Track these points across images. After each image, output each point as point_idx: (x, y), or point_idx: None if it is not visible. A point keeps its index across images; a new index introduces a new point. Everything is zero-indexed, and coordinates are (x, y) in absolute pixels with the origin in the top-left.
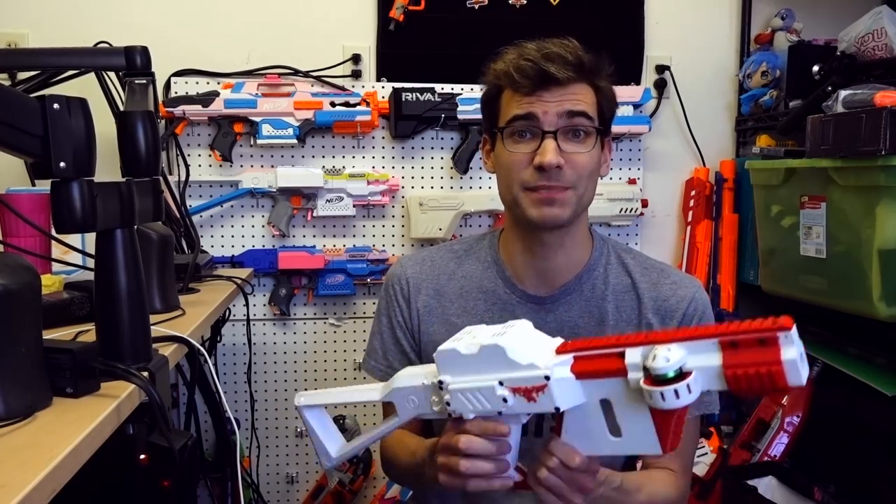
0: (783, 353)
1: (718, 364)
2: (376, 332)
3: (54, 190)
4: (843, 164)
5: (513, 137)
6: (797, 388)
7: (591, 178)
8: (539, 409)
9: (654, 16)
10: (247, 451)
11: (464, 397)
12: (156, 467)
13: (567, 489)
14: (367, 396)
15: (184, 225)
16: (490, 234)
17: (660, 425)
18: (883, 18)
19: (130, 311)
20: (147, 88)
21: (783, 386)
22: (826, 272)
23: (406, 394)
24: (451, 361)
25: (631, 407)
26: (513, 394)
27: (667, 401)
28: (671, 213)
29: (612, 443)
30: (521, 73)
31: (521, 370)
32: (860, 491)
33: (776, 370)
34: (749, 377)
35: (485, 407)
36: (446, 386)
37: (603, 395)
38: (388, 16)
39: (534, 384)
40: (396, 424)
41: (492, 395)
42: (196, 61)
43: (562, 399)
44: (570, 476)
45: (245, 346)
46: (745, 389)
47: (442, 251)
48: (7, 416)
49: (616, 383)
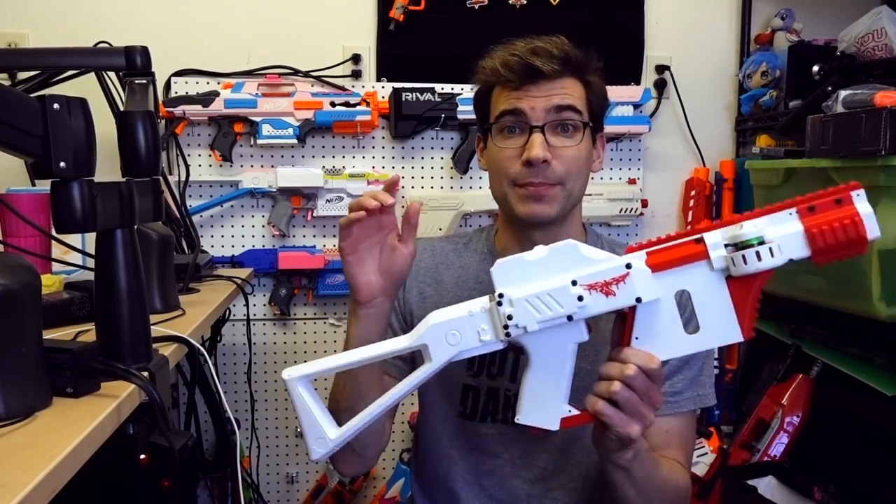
0: (859, 207)
1: (801, 228)
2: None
3: (54, 190)
4: (843, 164)
5: (502, 133)
6: (800, 387)
7: (581, 173)
8: (618, 304)
9: (654, 16)
10: (247, 451)
11: (530, 305)
12: (156, 467)
13: (640, 404)
14: (392, 346)
15: (184, 225)
16: (489, 227)
17: (739, 305)
18: (883, 18)
19: (130, 311)
20: (147, 88)
21: (864, 237)
22: (826, 272)
23: (444, 329)
24: (514, 271)
25: (711, 292)
26: (589, 291)
27: (760, 260)
28: (671, 213)
29: (689, 339)
30: (508, 67)
31: (597, 264)
32: (860, 491)
33: (858, 220)
34: (834, 231)
35: (556, 311)
36: (508, 298)
37: (681, 285)
38: (388, 16)
39: (613, 275)
40: (430, 372)
41: (566, 295)
42: (196, 61)
43: (643, 289)
44: (646, 386)
45: (245, 346)
46: (830, 247)
47: (444, 241)
48: (7, 415)
49: (696, 268)
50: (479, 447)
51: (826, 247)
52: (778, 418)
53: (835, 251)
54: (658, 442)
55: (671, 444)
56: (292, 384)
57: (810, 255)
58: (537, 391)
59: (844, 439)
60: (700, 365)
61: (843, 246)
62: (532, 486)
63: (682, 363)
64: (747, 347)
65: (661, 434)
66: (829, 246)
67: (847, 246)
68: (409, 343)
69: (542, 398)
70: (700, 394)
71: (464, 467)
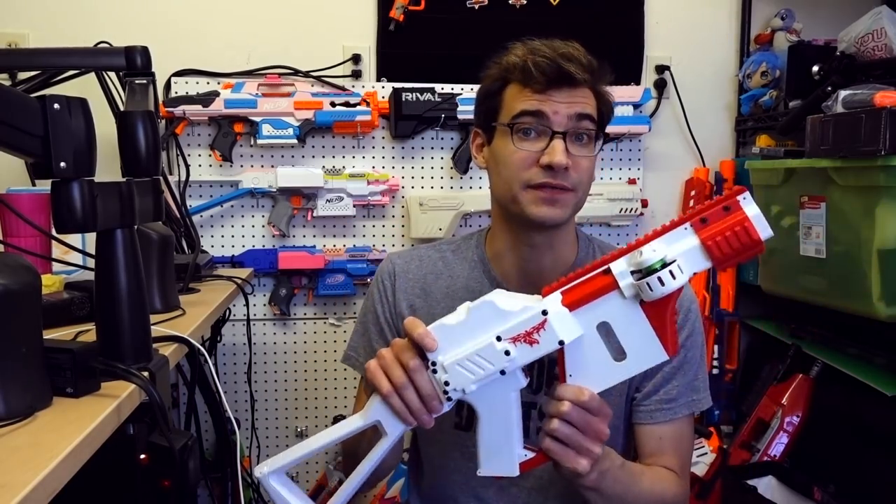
0: (747, 210)
1: (697, 242)
2: (361, 327)
3: (54, 190)
4: (843, 164)
5: (519, 134)
6: (800, 387)
7: (590, 182)
8: (544, 351)
9: (654, 16)
10: (247, 451)
11: (462, 368)
12: (156, 467)
13: (583, 438)
14: (347, 429)
15: (184, 225)
16: (477, 234)
17: (658, 326)
18: (883, 18)
19: (130, 311)
20: (147, 88)
21: (757, 239)
22: (826, 272)
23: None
24: (440, 338)
25: (629, 319)
26: (513, 344)
27: (664, 285)
28: (671, 213)
29: (619, 367)
30: (538, 68)
31: (515, 317)
32: (860, 491)
33: (748, 225)
34: (727, 239)
35: (487, 370)
36: (441, 364)
37: (599, 318)
38: (388, 16)
39: (533, 325)
40: (388, 446)
41: (493, 353)
42: (196, 61)
43: (563, 331)
44: (584, 420)
45: (245, 346)
46: (728, 255)
47: (431, 250)
48: (7, 415)
49: (610, 299)
50: (475, 458)
51: (724, 255)
52: (778, 418)
53: (734, 257)
54: (651, 449)
55: (665, 450)
56: (265, 481)
57: (710, 266)
58: (492, 442)
59: (844, 439)
60: (694, 370)
61: (740, 250)
62: (529, 495)
63: (675, 371)
64: (747, 347)
65: (655, 441)
66: (726, 254)
67: (744, 249)
68: (363, 422)
69: (498, 447)
70: (695, 398)
71: (460, 476)
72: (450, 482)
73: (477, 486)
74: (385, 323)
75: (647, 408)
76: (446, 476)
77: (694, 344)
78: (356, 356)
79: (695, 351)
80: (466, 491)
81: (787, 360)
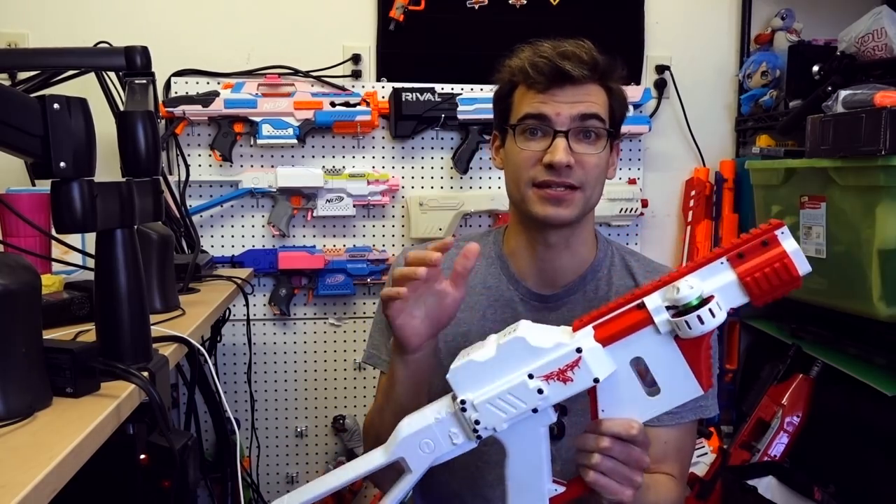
0: (786, 245)
1: (734, 278)
2: (380, 324)
3: (54, 190)
4: (843, 164)
5: (524, 135)
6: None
7: (599, 179)
8: (577, 388)
9: (653, 16)
10: (247, 451)
11: (494, 407)
12: (156, 467)
13: (627, 469)
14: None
15: (184, 225)
16: (495, 231)
17: (692, 361)
18: (883, 18)
19: (130, 311)
20: (147, 88)
21: (796, 275)
22: (826, 272)
23: (417, 440)
24: (469, 375)
25: (663, 354)
26: (546, 382)
27: (703, 324)
28: (671, 213)
29: (653, 402)
30: (536, 69)
31: (548, 354)
32: (860, 491)
33: (788, 262)
34: (766, 276)
35: (519, 408)
36: (471, 403)
37: (633, 353)
38: (388, 16)
39: (566, 362)
40: (412, 482)
41: (525, 392)
42: (196, 61)
43: (598, 368)
44: (627, 452)
45: (245, 346)
46: (766, 291)
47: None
48: (7, 416)
49: (644, 335)
50: (482, 457)
51: (762, 292)
52: (778, 418)
53: (771, 293)
54: (656, 453)
55: (668, 456)
56: None
57: (749, 301)
58: (521, 478)
59: (844, 439)
60: None
61: (779, 287)
62: None
63: None
64: (747, 347)
65: (660, 445)
66: (764, 290)
67: (782, 286)
68: (385, 459)
69: (527, 484)
70: (702, 405)
71: (467, 475)
72: (456, 481)
73: (483, 485)
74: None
75: None
76: (453, 475)
77: None
78: (378, 354)
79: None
80: (473, 490)
81: (788, 360)
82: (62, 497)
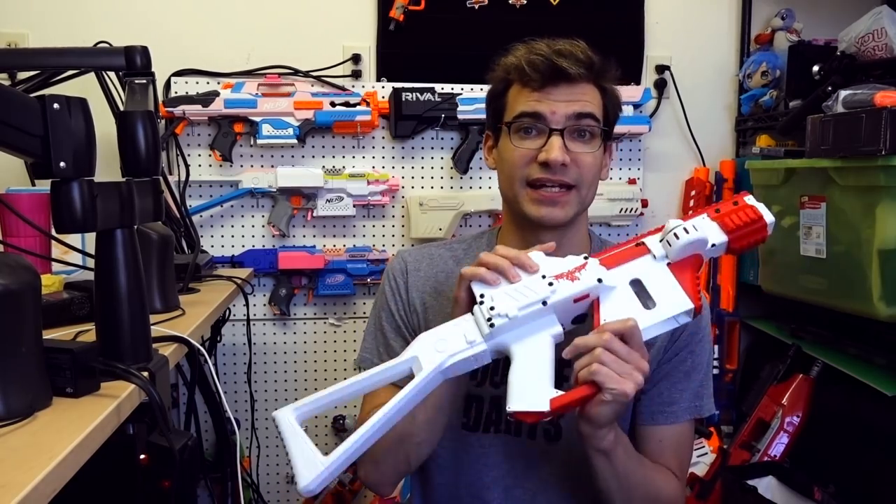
0: (751, 202)
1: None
2: (374, 327)
3: (54, 190)
4: (843, 164)
5: (518, 133)
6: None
7: (594, 179)
8: (583, 286)
9: (653, 16)
10: (247, 451)
11: (508, 295)
12: (156, 467)
13: (628, 366)
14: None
15: (184, 225)
16: (489, 232)
17: (681, 279)
18: (883, 18)
19: (130, 311)
20: (147, 88)
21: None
22: (826, 272)
23: (433, 339)
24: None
25: (657, 276)
26: (556, 279)
27: (688, 233)
28: (671, 213)
29: (648, 314)
30: (532, 66)
31: (561, 264)
32: (860, 491)
33: (753, 209)
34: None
35: (531, 297)
36: (490, 295)
37: (632, 275)
38: (388, 16)
39: (575, 265)
40: (423, 379)
41: (538, 284)
42: (196, 61)
43: (602, 273)
44: (627, 350)
45: (245, 346)
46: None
47: (442, 249)
48: (7, 416)
49: (642, 260)
50: (481, 459)
51: (735, 226)
52: (778, 418)
53: (743, 228)
54: (652, 450)
55: (664, 453)
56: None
57: (727, 241)
58: (524, 379)
59: (844, 439)
60: (700, 377)
61: (749, 224)
62: (534, 497)
63: (682, 377)
64: (747, 347)
65: (655, 443)
66: (737, 225)
67: (752, 223)
68: (400, 359)
69: (530, 384)
70: (697, 405)
71: (466, 477)
72: (456, 483)
73: (481, 487)
74: (400, 320)
75: (648, 408)
76: (452, 477)
77: (703, 350)
78: (371, 358)
79: (703, 356)
80: (471, 492)
81: (788, 360)
82: (62, 497)
